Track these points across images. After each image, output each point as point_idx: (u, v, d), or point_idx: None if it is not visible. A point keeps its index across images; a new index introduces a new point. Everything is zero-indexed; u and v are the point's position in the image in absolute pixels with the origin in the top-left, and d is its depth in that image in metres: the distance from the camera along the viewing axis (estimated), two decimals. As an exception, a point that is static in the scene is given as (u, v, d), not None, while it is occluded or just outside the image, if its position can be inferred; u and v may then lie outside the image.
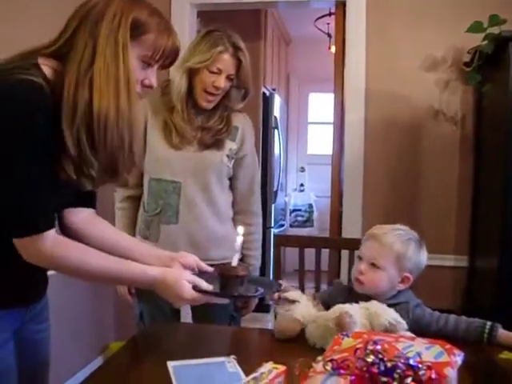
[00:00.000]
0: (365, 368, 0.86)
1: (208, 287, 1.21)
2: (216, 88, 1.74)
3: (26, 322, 1.17)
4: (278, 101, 4.51)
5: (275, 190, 4.42)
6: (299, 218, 5.67)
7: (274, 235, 4.04)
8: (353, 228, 2.63)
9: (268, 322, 3.74)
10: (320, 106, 5.97)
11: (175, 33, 1.15)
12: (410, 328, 1.27)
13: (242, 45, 1.76)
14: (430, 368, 0.85)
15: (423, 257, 1.42)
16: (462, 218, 2.63)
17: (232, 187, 1.90)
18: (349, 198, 2.74)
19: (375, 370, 0.85)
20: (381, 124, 2.68)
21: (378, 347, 0.89)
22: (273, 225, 4.35)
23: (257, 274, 1.96)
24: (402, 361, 0.86)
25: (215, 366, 1.18)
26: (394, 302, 1.37)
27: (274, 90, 4.50)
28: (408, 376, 0.84)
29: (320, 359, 0.93)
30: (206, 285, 1.21)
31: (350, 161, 2.72)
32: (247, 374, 0.97)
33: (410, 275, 1.41)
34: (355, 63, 2.69)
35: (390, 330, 1.22)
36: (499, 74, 2.26)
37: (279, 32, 5.06)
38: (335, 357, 0.91)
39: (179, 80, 1.74)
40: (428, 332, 1.28)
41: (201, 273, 1.32)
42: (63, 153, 1.04)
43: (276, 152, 4.43)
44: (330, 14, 4.28)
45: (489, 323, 1.32)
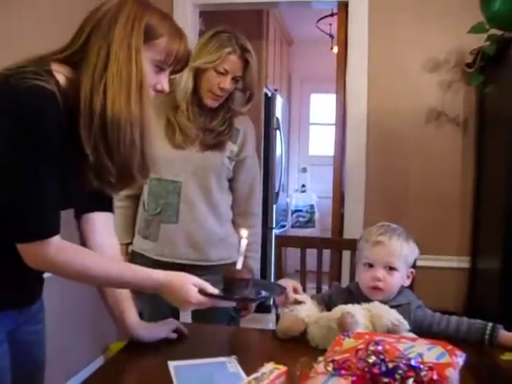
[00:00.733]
0: (366, 369, 0.86)
1: (214, 291, 1.20)
2: (221, 89, 1.74)
3: (20, 324, 1.15)
4: (279, 101, 4.51)
5: (277, 190, 4.42)
6: (301, 219, 5.66)
7: (276, 236, 4.04)
8: (354, 229, 2.62)
9: (268, 322, 3.73)
10: (322, 106, 5.96)
11: (186, 36, 1.14)
12: (411, 329, 1.27)
13: (249, 47, 1.77)
14: (431, 369, 0.85)
15: (416, 249, 1.46)
16: (464, 219, 2.63)
17: (232, 189, 1.89)
18: (350, 199, 2.74)
19: (376, 370, 0.85)
20: (383, 125, 2.67)
21: (380, 348, 0.89)
22: (274, 225, 4.34)
23: (257, 276, 1.94)
24: (404, 361, 0.86)
25: (216, 366, 1.18)
26: (396, 304, 1.36)
27: (275, 90, 4.51)
28: (409, 377, 0.84)
29: (321, 360, 0.93)
30: (212, 288, 1.20)
31: (352, 162, 2.72)
32: (248, 374, 0.97)
33: (413, 270, 1.46)
34: (357, 64, 2.69)
35: (392, 331, 1.22)
36: (502, 75, 2.26)
37: (281, 32, 5.06)
38: (336, 357, 0.91)
39: (186, 80, 1.74)
40: (429, 333, 1.28)
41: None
42: (83, 163, 1.04)
43: (278, 153, 4.43)
44: (332, 15, 4.27)
45: (490, 324, 1.32)
